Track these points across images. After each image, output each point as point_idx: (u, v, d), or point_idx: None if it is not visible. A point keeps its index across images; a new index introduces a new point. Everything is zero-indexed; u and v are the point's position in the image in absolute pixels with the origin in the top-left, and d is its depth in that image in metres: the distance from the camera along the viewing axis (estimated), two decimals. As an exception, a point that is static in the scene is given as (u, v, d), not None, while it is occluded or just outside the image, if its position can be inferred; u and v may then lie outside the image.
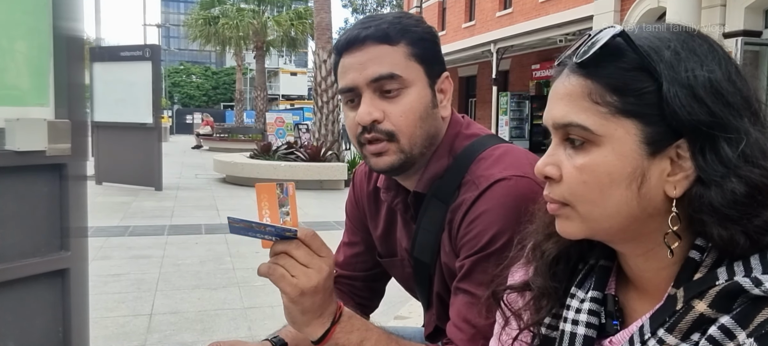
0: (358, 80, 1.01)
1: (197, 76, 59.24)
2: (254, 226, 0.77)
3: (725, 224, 0.59)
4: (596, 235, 0.67)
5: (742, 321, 0.55)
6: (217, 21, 28.17)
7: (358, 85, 1.01)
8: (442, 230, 1.05)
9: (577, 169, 0.64)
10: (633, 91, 0.61)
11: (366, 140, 1.03)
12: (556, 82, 0.68)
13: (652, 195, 0.62)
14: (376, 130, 1.01)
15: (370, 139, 1.02)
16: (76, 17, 1.60)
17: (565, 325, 0.70)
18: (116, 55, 9.84)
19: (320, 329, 0.88)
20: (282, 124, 15.94)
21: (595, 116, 0.63)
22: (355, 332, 0.90)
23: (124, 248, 5.33)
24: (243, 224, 0.76)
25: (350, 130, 1.06)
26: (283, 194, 0.79)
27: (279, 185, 0.80)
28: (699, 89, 0.60)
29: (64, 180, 1.57)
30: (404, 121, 1.01)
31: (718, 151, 0.59)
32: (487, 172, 1.00)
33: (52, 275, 1.58)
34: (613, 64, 0.63)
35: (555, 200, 0.67)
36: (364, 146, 1.04)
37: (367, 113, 1.00)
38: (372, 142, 1.02)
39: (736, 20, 10.30)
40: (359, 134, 1.03)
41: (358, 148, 1.06)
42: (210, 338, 3.20)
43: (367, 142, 1.03)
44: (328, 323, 0.88)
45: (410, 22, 1.04)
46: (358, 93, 1.02)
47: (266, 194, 0.79)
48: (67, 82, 1.58)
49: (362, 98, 1.01)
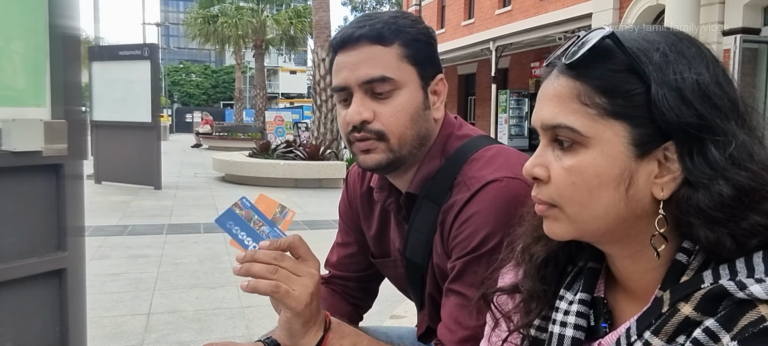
0: (349, 80, 1.02)
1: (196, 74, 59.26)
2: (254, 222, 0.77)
3: (712, 227, 0.59)
4: (584, 236, 0.67)
5: (727, 324, 0.55)
6: (217, 19, 28.14)
7: (350, 85, 1.02)
8: (434, 231, 1.06)
9: (566, 171, 0.64)
10: (622, 93, 0.61)
11: (355, 139, 1.04)
12: (545, 83, 0.68)
13: (639, 197, 0.63)
14: (366, 130, 1.02)
15: (359, 137, 1.03)
16: (72, 16, 1.59)
17: (554, 327, 0.70)
18: (115, 55, 9.83)
19: (314, 339, 0.89)
20: (281, 122, 15.95)
21: (584, 118, 0.63)
22: (346, 338, 0.92)
23: (123, 248, 5.34)
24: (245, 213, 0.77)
25: (341, 128, 1.07)
26: (281, 215, 0.80)
27: (281, 206, 0.81)
28: (687, 92, 0.60)
29: (60, 180, 1.57)
30: (394, 121, 1.02)
31: (706, 154, 0.60)
32: (478, 173, 1.00)
33: (49, 275, 1.58)
34: (602, 65, 0.63)
35: (543, 200, 0.67)
36: (353, 144, 1.05)
37: (357, 113, 1.01)
38: (361, 139, 1.03)
39: (735, 17, 10.30)
40: (349, 132, 1.04)
41: (349, 145, 1.07)
42: (208, 338, 3.20)
43: (356, 139, 1.04)
44: (321, 332, 0.89)
45: (406, 22, 1.04)
46: (350, 92, 1.03)
47: (265, 206, 0.79)
48: (64, 82, 1.57)
49: (353, 98, 1.02)
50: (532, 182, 0.69)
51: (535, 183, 0.69)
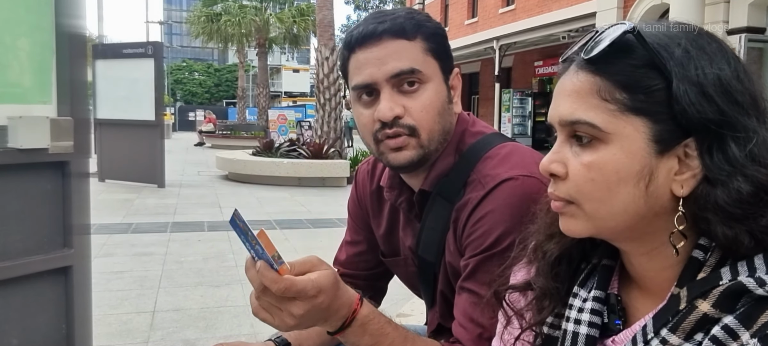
0: (376, 76, 0.99)
1: (199, 73, 59.35)
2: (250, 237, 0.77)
3: (730, 223, 0.58)
4: (601, 233, 0.67)
5: (746, 321, 0.54)
6: (220, 18, 28.17)
7: (377, 81, 0.99)
8: (446, 229, 1.05)
9: (585, 167, 0.63)
10: (643, 89, 0.61)
11: (385, 136, 1.00)
12: (563, 79, 0.67)
13: (659, 194, 0.62)
14: (398, 126, 0.99)
15: (392, 134, 1.00)
16: (78, 14, 1.60)
17: (568, 324, 0.70)
18: (119, 53, 9.84)
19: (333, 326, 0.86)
20: (284, 121, 15.96)
21: (604, 113, 0.62)
22: (366, 336, 0.88)
23: (127, 245, 5.34)
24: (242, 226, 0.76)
25: (366, 127, 1.03)
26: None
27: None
28: (709, 87, 0.60)
29: (66, 177, 1.57)
30: (424, 116, 1.00)
31: (726, 150, 0.59)
32: (493, 171, 0.99)
33: (55, 273, 1.58)
34: (622, 60, 0.62)
35: (560, 197, 0.67)
36: (381, 143, 1.02)
37: (389, 109, 0.98)
38: (392, 136, 1.00)
39: (740, 17, 10.27)
40: (378, 130, 1.01)
41: (374, 145, 1.03)
42: (213, 336, 3.20)
43: (387, 137, 1.00)
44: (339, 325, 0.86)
45: (422, 17, 1.04)
46: (377, 89, 1.00)
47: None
48: (70, 80, 1.58)
49: (382, 94, 0.99)
50: (548, 178, 0.68)
51: (551, 180, 0.68)
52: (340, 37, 20.47)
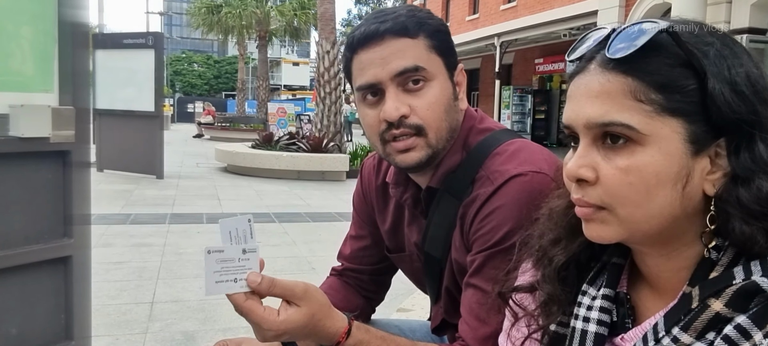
0: (380, 75, 0.98)
1: (199, 64, 59.22)
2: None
3: (749, 220, 0.58)
4: (632, 238, 0.65)
5: (759, 321, 0.54)
6: (220, 10, 28.14)
7: (381, 80, 0.98)
8: (453, 226, 1.04)
9: (622, 171, 0.61)
10: (678, 89, 0.60)
11: (392, 137, 0.99)
12: (583, 79, 0.65)
13: (693, 194, 0.61)
14: (404, 126, 0.98)
15: (398, 134, 0.99)
16: (80, 4, 1.59)
17: (577, 322, 0.69)
18: (119, 43, 9.81)
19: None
20: (284, 114, 15.94)
21: (640, 115, 0.60)
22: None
23: (126, 236, 5.34)
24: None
25: (372, 128, 1.02)
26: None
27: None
28: (741, 86, 0.60)
29: (67, 167, 1.57)
30: (431, 114, 0.99)
31: (753, 150, 0.59)
32: (502, 167, 0.98)
33: (54, 262, 1.58)
34: (656, 60, 0.61)
35: (590, 203, 0.64)
36: (388, 144, 1.00)
37: (395, 109, 0.97)
38: (399, 138, 0.99)
39: (742, 17, 10.27)
40: (384, 131, 0.99)
41: (381, 146, 1.02)
42: (211, 327, 3.20)
43: (393, 138, 0.99)
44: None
45: (423, 14, 1.02)
46: (381, 89, 0.99)
47: None
48: (72, 69, 1.57)
49: (387, 93, 0.98)
50: (561, 179, 0.67)
51: (575, 185, 0.65)
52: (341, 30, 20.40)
